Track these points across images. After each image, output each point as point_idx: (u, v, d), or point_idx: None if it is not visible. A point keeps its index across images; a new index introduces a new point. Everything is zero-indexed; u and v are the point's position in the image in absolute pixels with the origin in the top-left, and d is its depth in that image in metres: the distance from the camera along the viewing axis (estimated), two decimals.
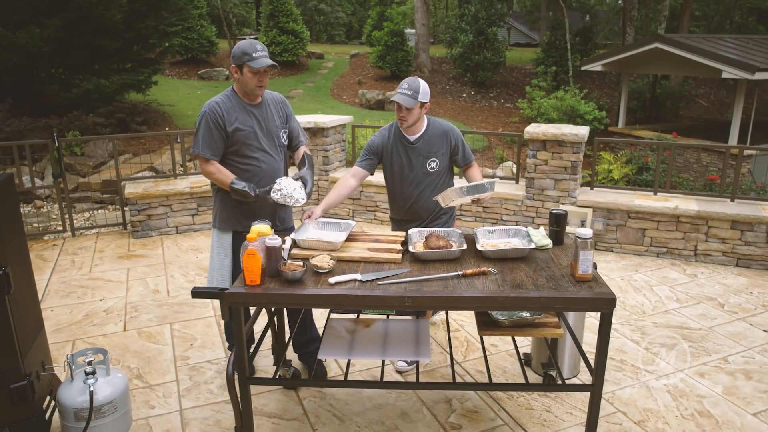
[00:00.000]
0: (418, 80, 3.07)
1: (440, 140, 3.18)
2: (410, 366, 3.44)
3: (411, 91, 3.02)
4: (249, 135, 2.99)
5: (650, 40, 12.14)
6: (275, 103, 3.16)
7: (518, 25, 32.04)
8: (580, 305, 2.34)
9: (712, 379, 3.42)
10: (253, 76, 2.89)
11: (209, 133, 2.93)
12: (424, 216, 3.29)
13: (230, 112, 2.95)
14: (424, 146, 3.17)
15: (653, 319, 4.18)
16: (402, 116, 3.08)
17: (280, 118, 3.15)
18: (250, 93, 2.97)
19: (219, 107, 2.94)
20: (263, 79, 2.93)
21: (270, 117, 3.09)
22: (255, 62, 2.85)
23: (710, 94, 18.41)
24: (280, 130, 3.15)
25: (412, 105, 3.02)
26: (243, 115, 2.99)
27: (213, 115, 2.92)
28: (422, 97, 3.04)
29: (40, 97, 8.24)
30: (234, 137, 2.96)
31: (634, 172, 9.45)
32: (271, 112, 3.10)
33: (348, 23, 35.10)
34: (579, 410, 3.10)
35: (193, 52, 15.41)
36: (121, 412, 2.70)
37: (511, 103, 15.15)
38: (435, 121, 3.24)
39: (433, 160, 3.18)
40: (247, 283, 2.39)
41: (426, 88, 3.08)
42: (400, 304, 2.32)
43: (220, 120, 2.92)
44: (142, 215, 5.74)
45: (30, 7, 7.50)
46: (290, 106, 3.27)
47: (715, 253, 5.19)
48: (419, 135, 3.18)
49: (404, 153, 3.20)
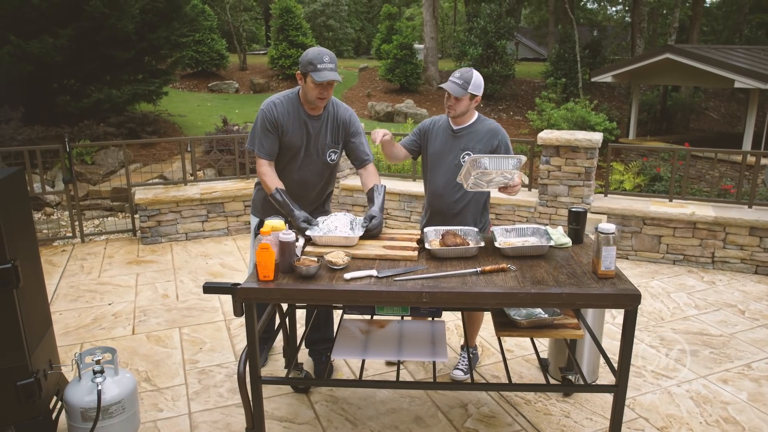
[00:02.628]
0: (473, 71, 2.96)
1: (483, 137, 3.04)
2: (466, 375, 3.29)
3: (462, 81, 2.92)
4: (294, 143, 2.95)
5: (661, 50, 12.10)
6: (336, 120, 3.02)
7: (526, 40, 32.19)
8: (604, 302, 2.26)
9: (735, 385, 3.32)
10: (315, 87, 2.79)
11: (264, 132, 2.91)
12: (446, 210, 3.12)
13: (285, 116, 2.91)
14: (464, 138, 3.05)
15: (672, 325, 4.07)
16: (450, 105, 2.97)
17: (333, 137, 3.03)
18: (311, 103, 2.89)
19: (276, 109, 2.90)
20: (325, 92, 2.82)
21: (322, 133, 2.99)
22: (318, 75, 2.74)
23: (720, 106, 18.33)
24: (329, 149, 3.03)
25: (461, 95, 2.91)
26: (296, 123, 2.93)
27: (269, 115, 2.89)
28: (473, 89, 2.93)
29: (51, 106, 8.30)
30: (283, 141, 2.94)
31: (646, 183, 9.36)
32: (325, 129, 2.99)
33: (356, 39, 35.35)
34: (599, 416, 3.00)
35: (204, 65, 15.53)
36: (129, 412, 2.64)
37: (520, 115, 15.12)
38: (485, 119, 3.12)
39: (468, 153, 3.00)
40: (260, 278, 2.33)
41: (479, 80, 2.97)
42: (417, 300, 2.25)
43: (274, 121, 2.89)
44: (152, 221, 5.71)
45: (44, 18, 7.57)
46: (358, 123, 3.11)
47: (733, 260, 5.08)
48: (464, 126, 3.06)
49: (444, 140, 3.09)
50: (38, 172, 5.82)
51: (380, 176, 3.19)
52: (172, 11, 9.17)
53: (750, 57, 11.76)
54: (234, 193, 5.96)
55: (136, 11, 8.18)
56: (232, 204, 5.98)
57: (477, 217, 3.16)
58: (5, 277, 2.26)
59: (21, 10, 7.34)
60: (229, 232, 6.02)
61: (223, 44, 15.97)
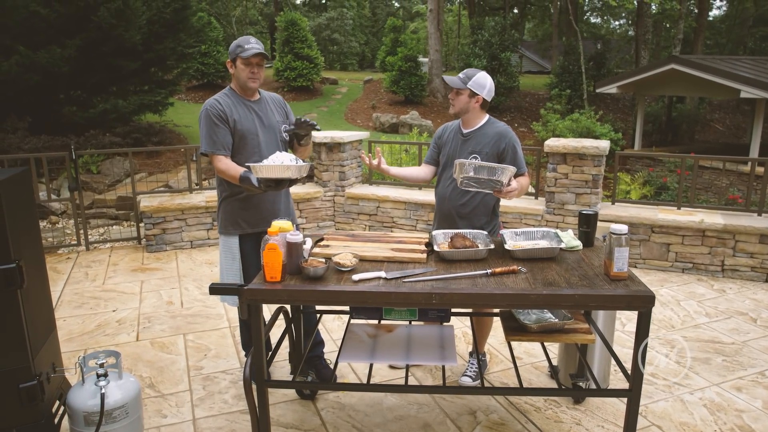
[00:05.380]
0: (478, 71, 2.99)
1: (491, 140, 3.03)
2: (475, 381, 3.25)
3: (464, 76, 2.96)
4: (249, 129, 2.95)
5: (666, 61, 12.09)
6: (274, 101, 3.15)
7: (530, 54, 32.31)
8: (618, 303, 2.22)
9: (750, 393, 3.25)
10: (245, 67, 2.88)
11: (213, 128, 2.88)
12: (454, 213, 3.09)
13: (230, 107, 2.93)
14: (473, 141, 3.05)
15: (683, 333, 4.01)
16: (451, 98, 3.02)
17: (280, 114, 3.12)
18: (243, 85, 2.94)
19: (219, 103, 2.92)
20: (255, 71, 2.90)
21: (270, 112, 3.06)
22: (245, 52, 2.85)
23: (726, 118, 18.30)
24: (281, 125, 3.10)
25: (459, 86, 2.94)
26: (242, 109, 2.97)
27: (214, 110, 2.89)
28: (474, 86, 2.94)
29: (58, 116, 8.34)
30: (236, 131, 2.93)
31: (652, 193, 9.32)
32: (270, 108, 3.08)
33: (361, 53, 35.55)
34: (611, 423, 2.94)
35: (210, 77, 15.61)
36: (132, 417, 2.59)
37: (525, 127, 15.12)
38: (495, 122, 3.11)
39: (474, 156, 3.01)
40: (267, 279, 2.29)
41: (482, 79, 2.97)
42: (427, 301, 2.21)
43: (221, 114, 2.89)
44: (157, 229, 5.69)
45: (51, 28, 7.62)
46: (289, 106, 3.25)
47: (744, 269, 5.02)
48: (473, 129, 3.07)
49: (455, 143, 3.11)
50: (44, 180, 5.82)
51: (387, 185, 3.22)
52: (179, 22, 9.24)
53: (755, 67, 11.74)
54: None
55: (143, 22, 8.24)
56: None
57: (486, 221, 3.13)
58: (9, 277, 2.23)
59: (29, 20, 7.39)
60: None
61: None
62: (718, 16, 28.96)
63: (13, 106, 7.96)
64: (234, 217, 3.05)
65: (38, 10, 7.30)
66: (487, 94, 3.00)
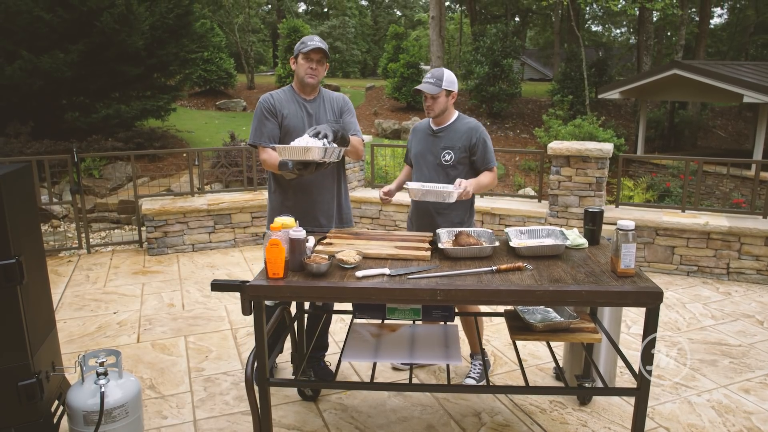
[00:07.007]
0: (442, 69, 3.03)
1: (462, 135, 3.07)
2: (480, 383, 3.21)
3: (434, 79, 2.98)
4: (297, 125, 2.97)
5: (669, 66, 12.09)
6: (332, 100, 3.13)
7: (531, 61, 32.40)
8: (625, 299, 2.18)
9: (758, 395, 3.20)
10: (305, 62, 2.91)
11: (262, 121, 2.97)
12: (431, 209, 3.09)
13: (282, 103, 2.99)
14: (444, 137, 3.09)
15: (689, 335, 3.97)
16: (428, 105, 3.03)
17: (334, 114, 3.10)
18: (302, 81, 2.97)
19: (272, 98, 3.00)
20: (314, 66, 2.92)
21: (322, 112, 3.06)
22: (306, 47, 2.89)
23: (728, 125, 18.27)
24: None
25: (436, 92, 2.96)
26: (294, 106, 3.01)
27: (266, 104, 2.98)
28: (447, 85, 2.98)
29: (60, 121, 8.33)
30: (283, 126, 2.98)
31: (655, 198, 9.29)
32: (324, 108, 3.07)
33: (363, 61, 35.67)
34: (617, 425, 2.90)
35: (212, 84, 15.64)
36: (132, 417, 2.55)
37: (527, 133, 15.11)
38: (465, 117, 3.15)
39: (448, 152, 3.06)
40: (270, 276, 2.26)
41: (451, 76, 3.02)
42: (431, 297, 2.18)
43: (272, 108, 2.97)
44: (159, 232, 5.67)
45: (55, 33, 7.64)
46: (351, 104, 3.22)
47: (749, 271, 4.98)
48: (444, 126, 3.10)
49: (426, 141, 3.15)
50: (46, 184, 5.81)
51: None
52: (182, 28, 9.26)
53: (758, 72, 11.72)
54: (241, 205, 5.92)
55: (146, 27, 8.25)
56: (239, 215, 5.94)
57: (464, 217, 3.16)
58: (9, 272, 2.21)
59: (33, 25, 7.40)
60: (236, 244, 5.97)
61: (231, 63, 16.08)
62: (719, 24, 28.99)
63: (16, 111, 7.97)
64: (279, 211, 3.07)
65: (42, 15, 7.31)
66: (456, 87, 3.07)
